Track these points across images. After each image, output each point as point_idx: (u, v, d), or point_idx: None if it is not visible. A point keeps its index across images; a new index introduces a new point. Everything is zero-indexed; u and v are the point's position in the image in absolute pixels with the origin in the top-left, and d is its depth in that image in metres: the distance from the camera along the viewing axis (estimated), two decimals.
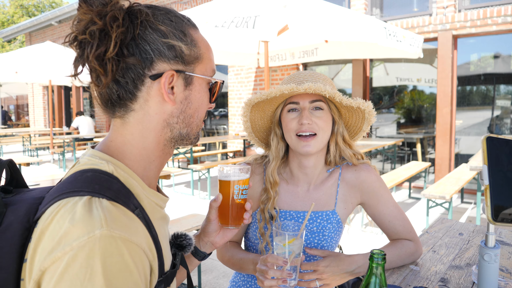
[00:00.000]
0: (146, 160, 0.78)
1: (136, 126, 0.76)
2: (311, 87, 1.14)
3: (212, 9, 4.00)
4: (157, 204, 0.79)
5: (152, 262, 0.69)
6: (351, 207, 1.35)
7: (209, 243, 1.01)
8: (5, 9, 27.72)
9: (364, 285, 0.78)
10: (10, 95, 22.38)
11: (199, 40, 0.80)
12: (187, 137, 0.82)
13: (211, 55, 0.84)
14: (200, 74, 0.80)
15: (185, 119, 0.79)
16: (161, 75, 0.73)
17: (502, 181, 0.88)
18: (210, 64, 0.82)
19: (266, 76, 3.95)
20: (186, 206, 5.64)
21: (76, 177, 0.69)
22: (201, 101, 0.81)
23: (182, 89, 0.77)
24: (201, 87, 0.81)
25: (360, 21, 3.96)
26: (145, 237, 0.67)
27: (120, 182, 0.70)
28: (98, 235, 0.59)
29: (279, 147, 1.32)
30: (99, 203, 0.63)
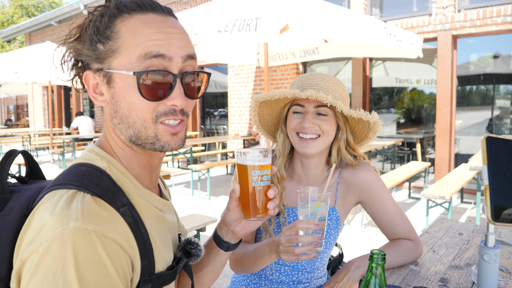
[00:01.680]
0: (124, 158, 0.77)
1: (107, 124, 0.79)
2: (313, 95, 1.14)
3: (212, 10, 3.99)
4: (152, 204, 0.78)
5: (134, 259, 0.68)
6: (349, 205, 1.36)
7: (230, 232, 0.93)
8: (4, 9, 27.71)
9: (364, 285, 0.78)
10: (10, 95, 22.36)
11: (122, 29, 0.70)
12: (141, 140, 0.73)
13: (141, 38, 0.69)
14: (118, 68, 0.70)
15: (121, 119, 0.73)
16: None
17: (502, 181, 0.88)
18: (135, 51, 0.69)
19: (266, 76, 3.95)
20: (186, 206, 5.64)
21: (70, 170, 0.71)
22: (130, 99, 0.70)
23: (106, 88, 0.73)
24: (125, 82, 0.70)
25: (360, 21, 3.96)
26: (125, 234, 0.66)
27: (110, 179, 0.71)
28: (72, 227, 0.59)
29: (285, 144, 1.34)
30: (82, 198, 0.64)
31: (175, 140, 0.75)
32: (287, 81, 7.73)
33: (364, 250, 3.66)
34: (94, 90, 0.75)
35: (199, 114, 9.83)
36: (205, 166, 6.08)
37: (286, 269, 1.33)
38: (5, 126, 20.74)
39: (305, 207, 1.01)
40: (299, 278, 1.34)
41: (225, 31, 3.45)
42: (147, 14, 0.72)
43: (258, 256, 1.17)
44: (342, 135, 1.30)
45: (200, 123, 9.86)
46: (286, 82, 7.74)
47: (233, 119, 8.74)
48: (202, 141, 7.05)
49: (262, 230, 1.34)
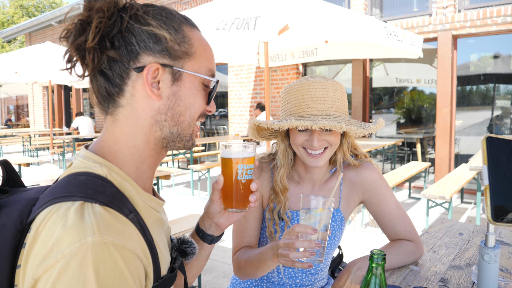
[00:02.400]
0: (138, 159, 0.76)
1: (125, 123, 0.74)
2: (327, 126, 1.10)
3: (213, 10, 4.00)
4: (152, 208, 0.78)
5: (147, 268, 0.67)
6: (353, 205, 1.36)
7: (213, 224, 0.94)
8: (5, 10, 27.72)
9: (364, 285, 0.78)
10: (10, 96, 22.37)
11: (193, 38, 0.77)
12: (179, 138, 0.78)
13: (209, 56, 0.80)
14: (191, 70, 0.76)
15: (173, 116, 0.75)
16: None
17: (502, 181, 0.88)
18: (205, 64, 0.79)
19: (266, 76, 3.95)
20: (186, 206, 5.64)
21: (69, 181, 0.67)
22: (192, 99, 0.77)
23: (169, 84, 0.74)
24: (192, 84, 0.76)
25: (360, 21, 3.96)
26: (139, 242, 0.66)
27: (114, 186, 0.69)
28: (90, 242, 0.57)
29: (287, 154, 1.31)
30: (92, 209, 0.62)
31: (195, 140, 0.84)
32: (287, 81, 7.73)
33: (364, 250, 3.66)
34: (151, 83, 0.73)
35: None
36: (205, 166, 6.08)
37: (289, 271, 1.33)
38: (5, 126, 20.74)
39: (305, 214, 0.99)
40: (303, 281, 1.33)
41: (223, 29, 3.44)
42: (198, 31, 0.81)
43: (261, 260, 1.15)
44: (346, 140, 1.30)
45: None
46: (286, 82, 7.74)
47: (233, 119, 8.74)
48: (202, 141, 7.05)
49: (267, 236, 1.32)
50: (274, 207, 1.31)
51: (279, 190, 1.29)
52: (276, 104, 7.92)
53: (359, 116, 6.86)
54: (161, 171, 4.23)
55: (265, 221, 1.34)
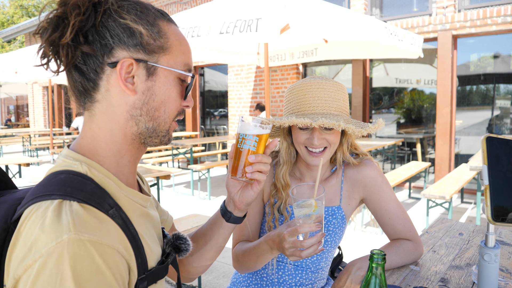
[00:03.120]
0: (117, 154, 0.76)
1: (101, 118, 0.75)
2: (326, 124, 1.13)
3: (213, 10, 4.00)
4: (137, 202, 0.78)
5: (130, 261, 0.68)
6: (354, 203, 1.37)
7: (231, 201, 0.95)
8: (5, 9, 27.73)
9: (364, 285, 0.78)
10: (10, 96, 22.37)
11: (169, 32, 0.76)
12: (155, 134, 0.78)
13: (185, 50, 0.79)
14: (166, 65, 0.75)
15: (149, 111, 0.75)
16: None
17: (502, 181, 0.88)
18: (181, 58, 0.78)
19: (266, 76, 3.95)
20: (186, 206, 5.64)
21: (50, 180, 0.68)
22: (167, 95, 0.76)
23: (144, 79, 0.74)
24: (167, 79, 0.76)
25: (360, 21, 3.96)
26: (119, 237, 0.66)
27: (94, 183, 0.70)
28: (66, 240, 0.58)
29: (289, 151, 1.34)
30: (69, 207, 0.62)
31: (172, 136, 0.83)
32: (287, 81, 7.73)
33: (364, 250, 3.66)
34: (126, 78, 0.73)
35: (199, 114, 9.83)
36: (205, 166, 6.08)
37: (290, 268, 1.33)
38: (5, 126, 20.74)
39: (300, 207, 1.02)
40: (303, 279, 1.34)
41: (226, 32, 3.46)
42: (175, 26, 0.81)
43: (259, 253, 1.18)
44: (346, 139, 1.32)
45: (200, 123, 9.86)
46: (286, 82, 7.74)
47: (233, 119, 8.74)
48: (202, 141, 7.05)
49: (267, 231, 1.34)
50: (274, 202, 1.32)
51: (281, 186, 1.31)
52: (276, 104, 7.92)
53: (359, 116, 6.86)
54: (161, 171, 4.23)
55: (265, 216, 1.36)
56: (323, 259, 1.35)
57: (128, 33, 0.71)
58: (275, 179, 1.33)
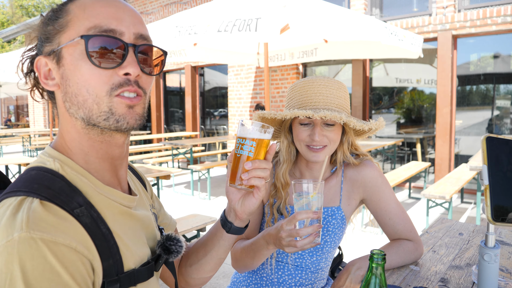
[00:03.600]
0: (81, 152, 0.73)
1: (60, 119, 0.75)
2: (328, 116, 1.14)
3: (212, 10, 3.99)
4: (115, 201, 0.74)
5: (93, 261, 0.64)
6: (354, 203, 1.37)
7: (232, 211, 0.89)
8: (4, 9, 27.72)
9: (364, 285, 0.78)
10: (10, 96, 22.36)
11: (72, 6, 0.71)
12: (93, 120, 0.70)
13: (94, 14, 0.69)
14: (66, 42, 0.69)
15: (72, 100, 0.70)
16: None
17: (502, 181, 0.88)
18: (85, 24, 0.68)
19: (266, 76, 3.95)
20: (186, 206, 5.64)
21: (21, 176, 0.68)
22: (79, 73, 0.68)
23: (57, 69, 0.70)
24: (73, 57, 0.68)
25: (360, 20, 3.96)
26: (80, 236, 0.63)
27: (64, 180, 0.68)
28: (17, 238, 0.56)
29: (290, 150, 1.34)
30: (29, 204, 0.61)
31: (131, 114, 0.71)
32: (287, 81, 7.73)
33: (364, 250, 3.66)
34: (46, 76, 0.72)
35: (199, 114, 9.83)
36: (205, 166, 6.08)
37: (289, 268, 1.33)
38: (5, 126, 20.74)
39: (300, 198, 1.03)
40: (302, 279, 1.33)
41: (225, 31, 3.45)
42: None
43: (256, 250, 1.18)
44: (346, 138, 1.32)
45: (200, 123, 9.86)
46: (286, 82, 7.74)
47: (233, 119, 8.74)
48: (202, 141, 7.05)
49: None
50: (274, 202, 1.32)
51: (280, 185, 1.31)
52: (276, 104, 7.92)
53: (359, 116, 6.86)
54: (161, 171, 4.23)
55: (264, 216, 1.36)
56: (323, 259, 1.35)
57: (40, 31, 0.73)
58: (275, 178, 1.33)
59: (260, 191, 0.85)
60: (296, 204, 1.05)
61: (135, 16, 0.73)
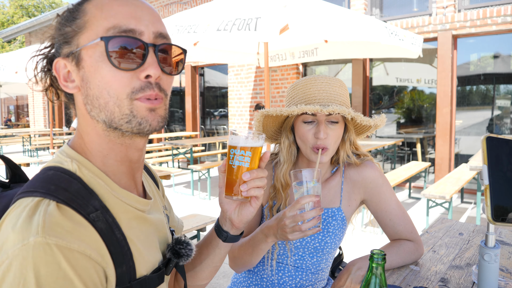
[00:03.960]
0: (100, 154, 0.72)
1: (79, 120, 0.75)
2: (336, 110, 1.14)
3: (212, 10, 4.00)
4: (130, 205, 0.73)
5: (106, 268, 0.63)
6: (354, 204, 1.36)
7: (228, 220, 0.88)
8: (5, 10, 27.72)
9: (364, 285, 0.78)
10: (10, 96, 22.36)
11: (89, 6, 0.69)
12: (115, 123, 0.68)
13: (112, 14, 0.67)
14: (85, 43, 0.67)
15: (93, 102, 0.68)
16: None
17: (502, 181, 0.88)
18: (104, 24, 0.66)
19: (266, 76, 3.95)
20: (186, 206, 5.64)
21: (39, 175, 0.67)
22: (100, 76, 0.66)
23: (77, 71, 0.69)
24: (93, 58, 0.66)
25: (360, 20, 3.96)
26: (94, 243, 0.62)
27: (81, 182, 0.67)
28: (32, 242, 0.56)
29: (291, 151, 1.32)
30: (45, 207, 0.60)
31: (154, 116, 0.69)
32: (287, 81, 7.73)
33: (364, 250, 3.66)
34: (66, 79, 0.71)
35: (199, 114, 9.83)
36: (205, 166, 6.08)
37: (290, 269, 1.32)
38: (5, 126, 20.74)
39: (300, 187, 1.05)
40: (303, 280, 1.33)
41: (224, 30, 3.45)
42: None
43: (254, 245, 1.17)
44: (348, 137, 1.31)
45: (200, 123, 9.86)
46: (286, 82, 7.74)
47: (233, 119, 8.74)
48: (202, 141, 7.05)
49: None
50: (273, 205, 1.32)
51: (281, 186, 1.30)
52: (276, 104, 7.92)
53: None
54: (161, 171, 4.23)
55: (263, 219, 1.35)
56: (323, 260, 1.34)
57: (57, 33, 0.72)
58: (275, 179, 1.32)
59: (258, 200, 0.85)
60: (296, 194, 1.06)
61: (153, 14, 0.71)
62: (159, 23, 0.72)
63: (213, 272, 0.97)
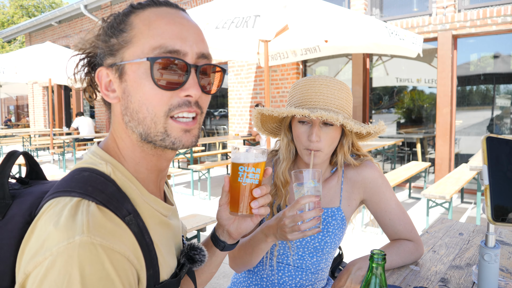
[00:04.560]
0: (132, 161, 0.74)
1: (114, 126, 0.77)
2: (324, 116, 1.13)
3: (213, 10, 4.00)
4: (157, 210, 0.76)
5: (140, 271, 0.66)
6: (354, 204, 1.36)
7: (225, 232, 0.91)
8: (5, 10, 27.72)
9: (365, 285, 0.78)
10: (10, 96, 22.37)
11: (136, 21, 0.70)
12: (150, 138, 0.71)
13: (159, 32, 0.69)
14: (130, 59, 0.69)
15: (132, 115, 0.70)
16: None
17: (502, 181, 0.88)
18: (151, 43, 0.68)
19: (266, 76, 3.95)
20: (186, 206, 5.64)
21: (73, 175, 0.68)
22: (142, 91, 0.68)
23: (118, 83, 0.71)
24: (136, 74, 0.68)
25: (361, 21, 3.96)
26: (131, 245, 0.64)
27: (115, 185, 0.68)
28: (78, 241, 0.57)
29: (289, 149, 1.33)
30: (87, 207, 0.61)
31: (188, 137, 0.72)
32: (287, 81, 7.73)
33: (364, 250, 3.66)
34: (107, 87, 0.73)
35: None
36: (205, 166, 6.08)
37: (290, 269, 1.32)
38: (5, 126, 20.74)
39: (301, 187, 1.05)
40: (303, 280, 1.33)
41: (222, 27, 3.44)
42: (160, 8, 0.72)
43: (254, 245, 1.18)
44: (347, 140, 1.30)
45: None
46: (286, 82, 7.74)
47: (233, 119, 8.74)
48: (202, 141, 7.05)
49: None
50: (273, 202, 1.32)
51: (280, 184, 1.30)
52: (276, 104, 7.92)
53: (359, 116, 6.86)
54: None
55: (264, 218, 1.34)
56: (323, 260, 1.34)
57: (102, 41, 0.73)
58: (275, 176, 1.33)
59: (262, 217, 0.87)
60: (297, 194, 1.07)
61: (198, 34, 0.73)
62: (203, 43, 0.74)
63: (208, 278, 1.00)
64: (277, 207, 1.31)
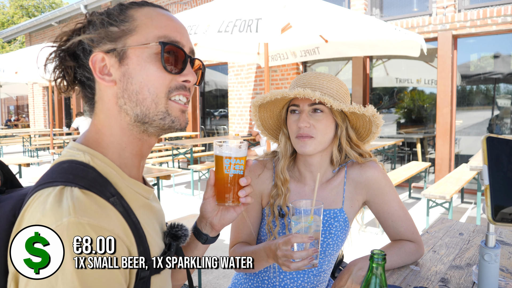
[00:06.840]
0: (118, 147, 0.78)
1: (101, 115, 0.78)
2: (300, 93, 1.14)
3: (213, 10, 4.00)
4: (139, 193, 0.79)
5: (130, 248, 0.69)
6: (357, 205, 1.35)
7: (208, 224, 0.95)
8: (5, 10, 27.73)
9: (365, 285, 0.78)
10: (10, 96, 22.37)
11: (137, 14, 0.77)
12: (148, 118, 0.76)
13: (161, 24, 0.77)
14: (135, 44, 0.74)
15: (130, 97, 0.75)
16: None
17: (502, 181, 0.88)
18: (155, 32, 0.75)
19: (266, 76, 3.95)
20: (186, 206, 5.64)
21: (53, 169, 0.71)
22: (145, 73, 0.74)
23: (117, 66, 0.75)
24: (140, 58, 0.74)
25: (361, 20, 3.96)
26: (119, 223, 0.67)
27: (96, 171, 0.71)
28: (66, 222, 0.59)
29: (287, 146, 1.34)
30: (70, 192, 0.64)
31: (183, 117, 0.80)
32: (287, 81, 7.73)
33: (364, 250, 3.65)
34: (101, 71, 0.76)
35: (199, 114, 9.83)
36: (205, 166, 6.08)
37: (291, 271, 1.31)
38: (5, 126, 20.75)
39: (298, 222, 1.03)
40: (304, 282, 1.32)
41: (225, 31, 3.45)
42: (156, 8, 0.81)
43: (256, 260, 1.18)
44: (341, 132, 1.28)
45: (200, 123, 9.86)
46: (286, 82, 7.74)
47: (233, 119, 8.74)
48: (202, 141, 7.05)
49: (266, 232, 1.32)
50: (274, 203, 1.31)
51: (280, 182, 1.30)
52: None
53: None
54: (161, 171, 4.23)
55: (264, 218, 1.34)
56: (326, 262, 1.33)
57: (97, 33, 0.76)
58: (275, 175, 1.33)
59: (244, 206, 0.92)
60: (294, 228, 1.05)
61: (188, 34, 0.83)
62: (191, 41, 0.84)
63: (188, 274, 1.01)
64: (278, 206, 1.30)
